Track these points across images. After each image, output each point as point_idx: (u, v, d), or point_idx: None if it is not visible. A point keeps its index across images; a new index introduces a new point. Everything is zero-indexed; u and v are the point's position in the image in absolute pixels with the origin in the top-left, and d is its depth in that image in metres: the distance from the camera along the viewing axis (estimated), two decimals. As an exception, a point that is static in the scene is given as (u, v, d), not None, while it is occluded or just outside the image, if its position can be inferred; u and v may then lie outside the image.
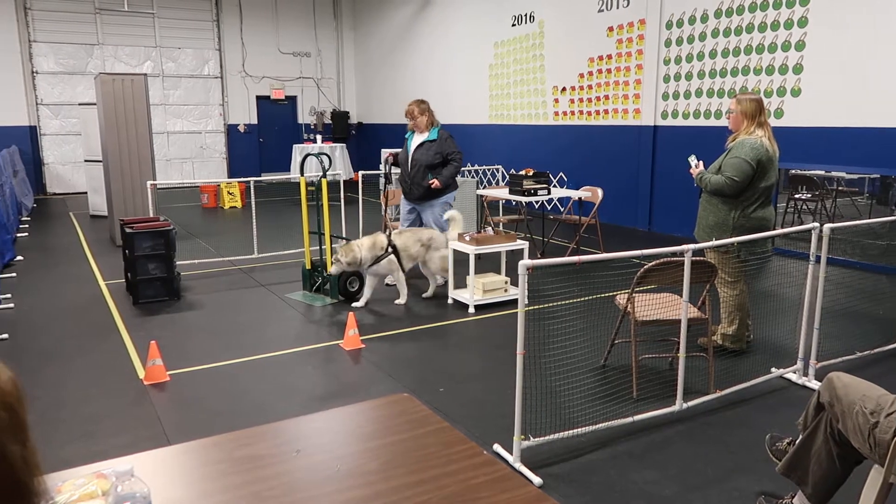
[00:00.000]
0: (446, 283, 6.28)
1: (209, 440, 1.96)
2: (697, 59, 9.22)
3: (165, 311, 6.00)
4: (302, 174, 6.58)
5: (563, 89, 11.52)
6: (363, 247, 5.92)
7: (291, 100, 18.06)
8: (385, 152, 8.96)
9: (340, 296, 6.23)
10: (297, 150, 13.58)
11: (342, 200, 8.72)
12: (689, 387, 3.90)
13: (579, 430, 3.43)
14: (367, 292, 6.13)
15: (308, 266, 6.50)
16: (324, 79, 18.37)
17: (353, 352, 4.95)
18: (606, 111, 10.75)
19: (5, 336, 5.27)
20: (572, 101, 11.37)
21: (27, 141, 14.78)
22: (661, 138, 9.86)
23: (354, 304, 6.05)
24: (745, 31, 8.58)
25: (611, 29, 10.46)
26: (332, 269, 5.98)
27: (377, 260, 5.94)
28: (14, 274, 7.38)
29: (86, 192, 12.14)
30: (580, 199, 8.11)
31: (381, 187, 7.44)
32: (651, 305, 4.16)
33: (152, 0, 15.82)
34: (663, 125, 9.82)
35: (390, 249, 5.99)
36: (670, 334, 4.57)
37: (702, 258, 4.25)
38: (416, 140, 6.55)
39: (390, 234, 6.11)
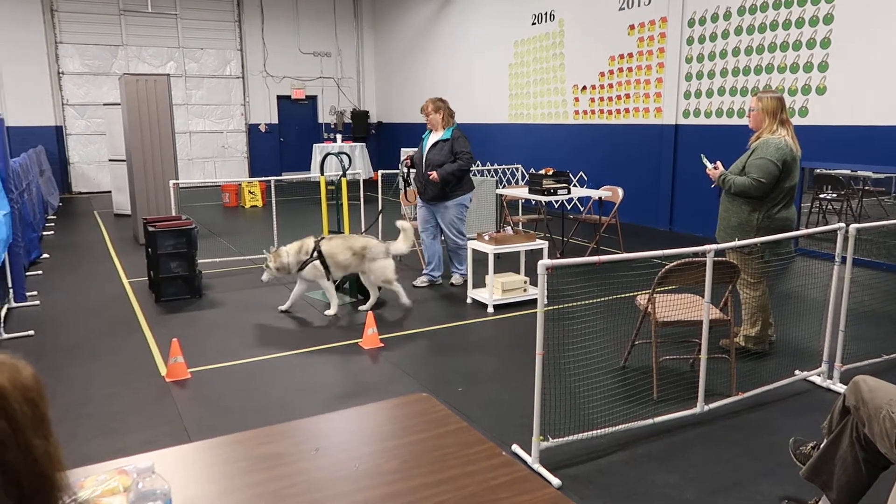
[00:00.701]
0: (464, 282, 6.24)
1: (229, 438, 1.97)
2: (720, 57, 9.12)
3: (187, 309, 6.06)
4: (322, 173, 6.61)
5: (584, 88, 11.45)
6: (290, 252, 5.78)
7: (312, 99, 18.16)
8: (404, 153, 8.97)
9: (359, 295, 6.25)
10: (318, 150, 13.66)
11: (362, 200, 8.74)
12: (711, 389, 3.85)
13: (599, 431, 3.41)
14: (291, 298, 5.99)
15: (328, 265, 6.52)
16: (344, 78, 18.45)
17: (372, 351, 4.96)
18: (627, 110, 10.67)
19: (31, 333, 5.37)
20: (592, 99, 11.30)
21: (53, 141, 15.01)
22: (683, 137, 9.76)
23: (280, 307, 5.96)
24: (768, 29, 8.46)
25: (632, 27, 10.38)
26: (263, 277, 5.87)
27: (303, 265, 5.78)
28: (40, 271, 7.50)
29: (110, 191, 12.31)
30: (600, 198, 8.06)
31: (401, 188, 7.42)
32: (672, 306, 4.12)
33: (175, 1, 16.00)
34: (685, 124, 9.72)
35: (315, 255, 5.77)
36: (691, 335, 4.52)
37: (724, 259, 4.20)
38: (431, 139, 6.53)
39: (321, 239, 5.88)
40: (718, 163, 4.69)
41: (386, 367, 4.69)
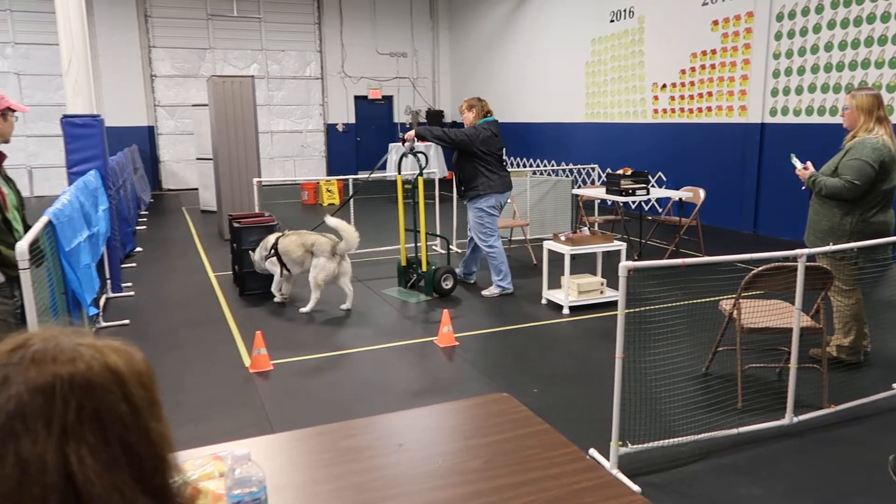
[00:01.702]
0: (500, 295, 6.14)
1: (314, 430, 2.02)
2: (811, 53, 8.68)
3: (269, 303, 6.27)
4: (399, 172, 6.70)
5: (664, 86, 11.15)
6: (257, 250, 6.09)
7: (388, 99, 18.42)
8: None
9: (434, 293, 6.30)
10: (393, 149, 13.83)
11: (437, 199, 8.81)
12: (800, 400, 3.68)
13: (680, 439, 3.31)
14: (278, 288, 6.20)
15: (403, 263, 6.60)
16: (419, 78, 18.63)
17: (448, 349, 4.99)
18: (709, 108, 10.32)
19: (127, 322, 5.68)
20: (673, 98, 10.99)
21: (146, 140, 15.82)
22: (770, 136, 9.36)
23: (276, 299, 6.19)
24: (865, 22, 8.00)
25: (715, 23, 10.03)
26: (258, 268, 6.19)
27: (265, 260, 6.03)
28: (134, 264, 7.92)
29: (197, 189, 12.87)
30: (680, 199, 7.83)
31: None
32: (759, 312, 3.96)
33: (259, 5, 16.55)
34: (772, 122, 9.32)
35: (272, 251, 5.95)
36: (779, 343, 4.34)
37: (817, 264, 4.00)
38: None
39: (280, 236, 6.04)
40: (809, 163, 4.48)
41: (461, 365, 4.71)
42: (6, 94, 3.25)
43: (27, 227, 3.43)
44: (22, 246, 2.97)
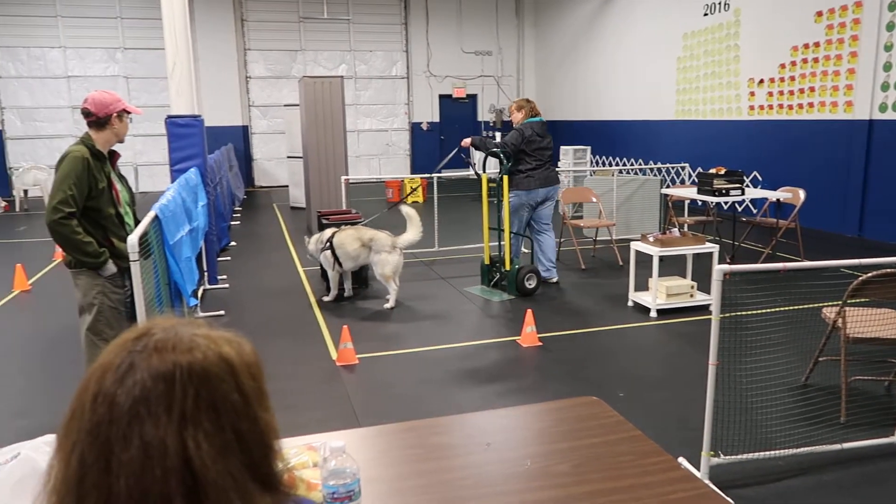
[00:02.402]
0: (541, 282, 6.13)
1: (404, 425, 2.05)
2: (929, 44, 8.07)
3: (355, 298, 6.41)
4: (484, 171, 6.70)
5: (761, 81, 10.64)
6: (312, 240, 6.19)
7: (472, 98, 18.46)
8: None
9: (517, 292, 6.26)
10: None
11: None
12: (912, 416, 3.43)
13: (777, 452, 3.16)
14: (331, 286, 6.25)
15: (487, 261, 6.60)
16: (504, 76, 18.57)
17: (531, 349, 4.96)
18: (811, 104, 9.77)
19: (222, 312, 5.95)
20: (770, 93, 10.47)
21: (240, 139, 16.51)
22: (879, 133, 8.76)
23: (325, 298, 6.27)
24: None
25: (819, 14, 9.48)
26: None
27: (320, 253, 6.10)
28: (229, 257, 8.29)
29: (287, 186, 13.32)
30: (778, 200, 7.46)
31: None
32: (866, 321, 3.71)
33: (348, 6, 16.95)
34: (881, 119, 8.72)
35: (327, 245, 6.01)
36: (889, 355, 4.06)
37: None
38: None
39: (337, 230, 6.10)
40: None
41: (544, 366, 4.67)
42: (121, 97, 3.46)
43: (137, 222, 3.65)
44: (133, 239, 3.16)
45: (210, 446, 0.82)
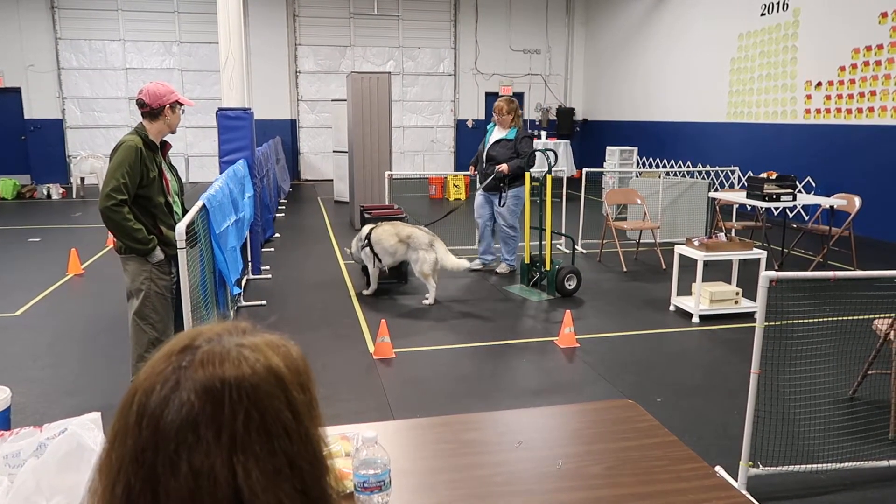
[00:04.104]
0: (510, 272, 6.29)
1: (438, 419, 2.06)
2: None
3: (394, 293, 6.46)
4: (527, 169, 6.67)
5: (819, 84, 10.32)
6: (353, 242, 6.28)
7: (518, 96, 18.35)
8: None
9: (557, 292, 6.22)
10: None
11: (563, 197, 8.68)
12: (967, 436, 3.29)
13: (820, 465, 3.07)
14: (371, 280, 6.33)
15: (527, 261, 6.57)
16: (551, 75, 18.42)
17: (568, 350, 4.92)
18: (871, 109, 9.43)
19: (264, 302, 6.06)
20: (828, 97, 10.14)
21: (288, 132, 16.78)
22: (943, 141, 8.41)
23: (365, 292, 6.34)
24: None
25: (884, 15, 9.14)
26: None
27: (361, 251, 6.18)
28: (272, 249, 8.44)
29: (332, 180, 13.48)
30: (832, 207, 7.23)
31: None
32: (921, 335, 3.58)
33: (398, 3, 17.04)
34: (946, 126, 8.37)
35: (366, 241, 6.05)
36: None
37: None
38: (494, 135, 6.95)
39: (374, 227, 6.14)
40: None
41: (581, 367, 4.63)
42: (175, 89, 3.56)
43: (185, 211, 3.75)
44: (180, 227, 3.25)
45: (261, 473, 0.77)
